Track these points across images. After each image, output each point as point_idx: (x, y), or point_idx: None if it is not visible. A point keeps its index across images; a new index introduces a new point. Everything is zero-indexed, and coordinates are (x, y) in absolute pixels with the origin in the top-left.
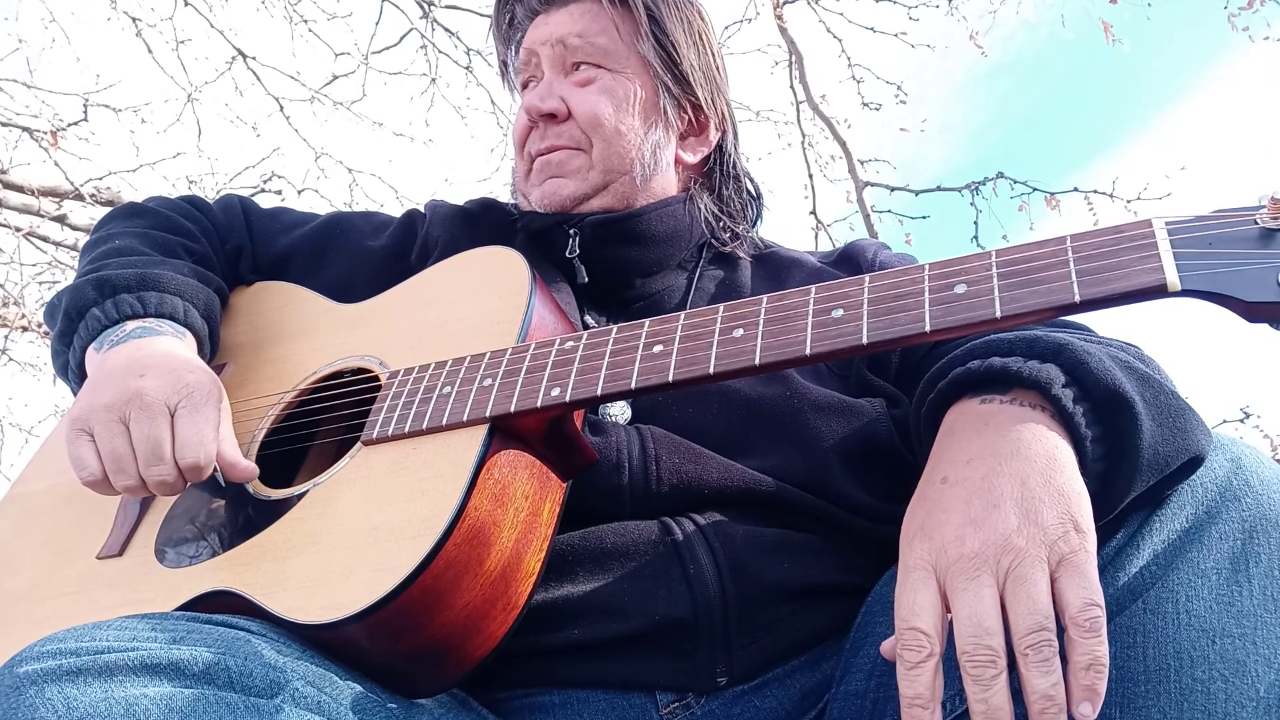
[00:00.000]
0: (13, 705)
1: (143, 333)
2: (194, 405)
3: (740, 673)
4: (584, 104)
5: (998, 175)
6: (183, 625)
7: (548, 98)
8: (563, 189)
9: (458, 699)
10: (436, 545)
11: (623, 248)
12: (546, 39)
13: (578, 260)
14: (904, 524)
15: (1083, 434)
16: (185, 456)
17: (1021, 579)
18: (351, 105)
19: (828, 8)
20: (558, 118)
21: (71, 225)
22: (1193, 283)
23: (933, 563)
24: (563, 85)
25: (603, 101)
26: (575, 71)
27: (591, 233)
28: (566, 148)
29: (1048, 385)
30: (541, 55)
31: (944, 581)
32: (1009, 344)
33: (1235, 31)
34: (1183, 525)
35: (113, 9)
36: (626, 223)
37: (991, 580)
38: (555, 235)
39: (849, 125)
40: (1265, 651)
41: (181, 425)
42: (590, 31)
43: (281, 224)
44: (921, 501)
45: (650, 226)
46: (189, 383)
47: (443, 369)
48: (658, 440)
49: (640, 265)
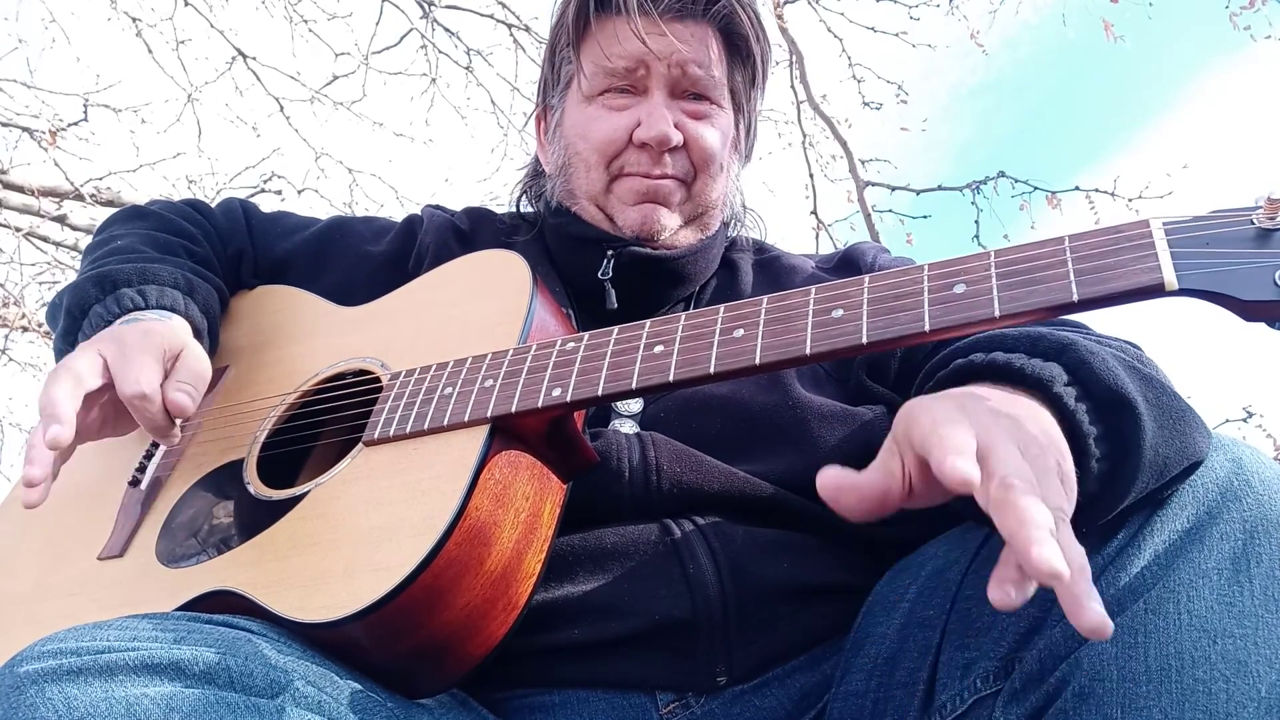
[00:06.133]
0: (13, 705)
1: (124, 322)
2: (125, 345)
3: (740, 672)
4: (700, 139)
5: (999, 174)
6: (184, 625)
7: (672, 128)
8: (667, 220)
9: (458, 699)
10: (437, 545)
11: (656, 286)
12: (665, 56)
13: (609, 284)
14: (902, 416)
15: (1085, 431)
16: (124, 388)
17: (1046, 470)
18: (351, 105)
19: (828, 7)
20: (672, 145)
21: (71, 225)
22: (1190, 282)
23: (968, 419)
24: (674, 112)
25: (716, 139)
26: (687, 100)
27: (630, 264)
28: (675, 179)
29: (1049, 383)
30: (653, 71)
31: (981, 435)
32: (1012, 340)
33: (1237, 30)
34: (1184, 525)
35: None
36: (667, 264)
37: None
38: (593, 251)
39: (850, 125)
40: (1266, 651)
41: (114, 360)
42: (708, 62)
43: (283, 228)
44: (924, 403)
45: (684, 269)
46: (116, 333)
47: (444, 370)
48: (659, 447)
49: (663, 300)
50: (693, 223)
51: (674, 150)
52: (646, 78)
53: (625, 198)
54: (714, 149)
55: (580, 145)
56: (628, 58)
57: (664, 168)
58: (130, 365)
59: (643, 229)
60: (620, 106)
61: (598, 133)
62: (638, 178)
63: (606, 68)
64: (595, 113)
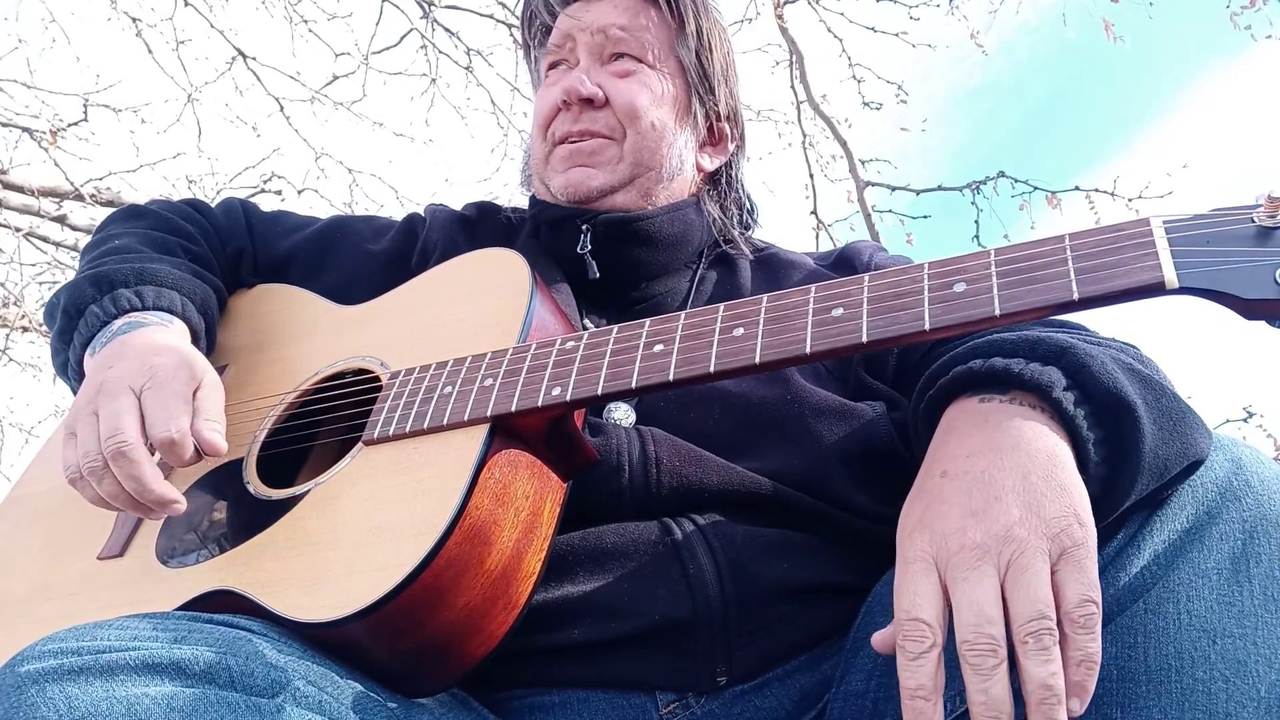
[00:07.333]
0: (14, 704)
1: (127, 328)
2: (158, 383)
3: (740, 672)
4: (623, 94)
5: (999, 174)
6: (184, 625)
7: (587, 82)
8: (590, 179)
9: (458, 699)
10: (437, 544)
11: (633, 248)
12: (587, 25)
13: (589, 256)
14: (901, 518)
15: (1084, 436)
16: (156, 433)
17: (1023, 569)
18: (351, 105)
19: (828, 7)
20: (594, 104)
21: (71, 225)
22: (1190, 280)
23: (934, 554)
24: (600, 73)
25: (642, 94)
26: (613, 62)
27: (604, 230)
28: (600, 135)
29: (1049, 388)
30: (579, 41)
31: (944, 573)
32: (1011, 345)
33: (1237, 30)
34: (1183, 526)
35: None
36: (639, 223)
37: (993, 570)
38: (567, 229)
39: (850, 125)
40: (1266, 651)
41: (148, 403)
42: (634, 26)
43: (282, 227)
44: (920, 495)
45: (661, 229)
46: (153, 364)
47: (444, 369)
48: (658, 443)
49: (648, 267)
50: (633, 184)
51: (598, 107)
52: (574, 49)
53: (556, 165)
54: (637, 103)
55: (532, 128)
56: (559, 34)
57: (584, 124)
58: (161, 409)
59: (570, 191)
60: (554, 81)
61: (538, 108)
62: (565, 144)
63: (548, 52)
64: (540, 93)
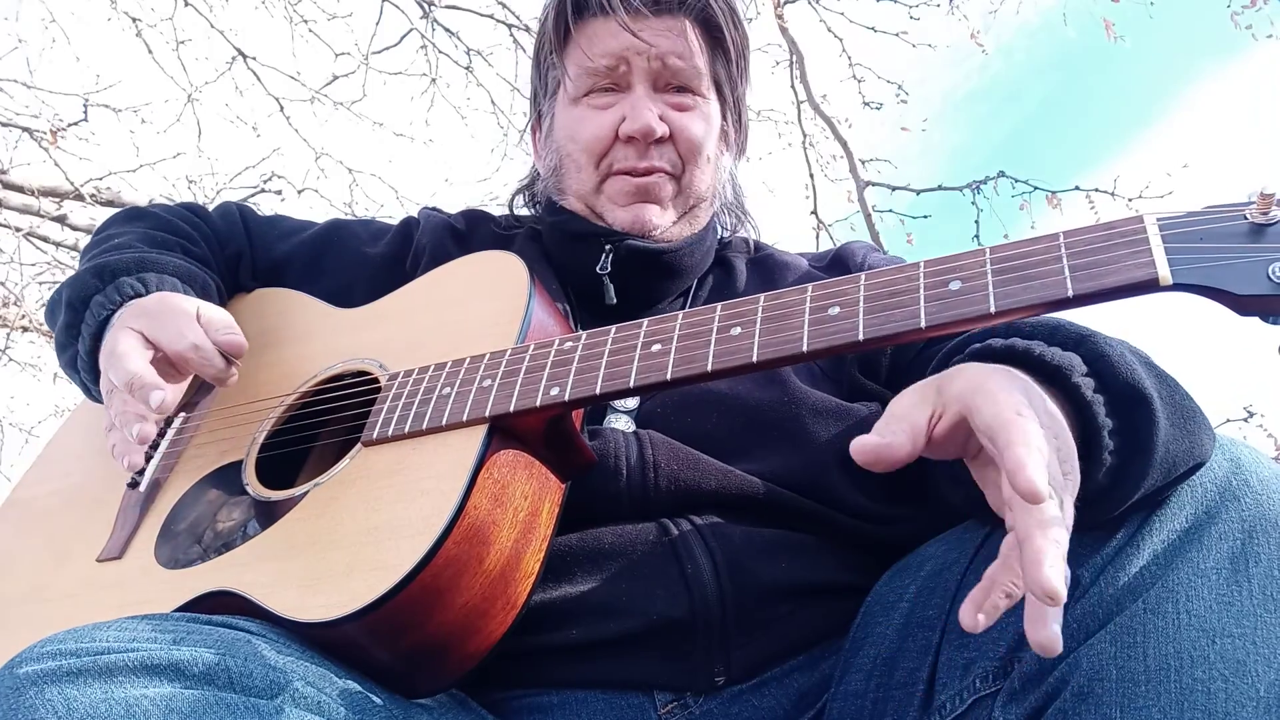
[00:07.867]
0: (13, 706)
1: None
2: (158, 314)
3: (738, 672)
4: (686, 130)
5: (999, 174)
6: (183, 626)
7: (660, 123)
8: (660, 218)
9: (457, 699)
10: (436, 544)
11: (653, 278)
12: (644, 50)
13: (608, 279)
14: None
15: (1100, 424)
16: (174, 348)
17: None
18: (351, 105)
19: (828, 7)
20: (660, 139)
21: (71, 225)
22: (1184, 277)
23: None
24: (659, 105)
25: (701, 129)
26: (670, 93)
27: (628, 257)
28: (664, 172)
29: (1068, 373)
30: (634, 65)
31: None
32: (1030, 329)
33: (1238, 30)
34: (1182, 525)
35: (113, 9)
36: (664, 256)
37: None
38: (591, 245)
39: (850, 125)
40: (1265, 651)
41: (155, 332)
42: (688, 54)
43: (280, 230)
44: (988, 374)
45: (682, 261)
46: (135, 310)
47: (442, 370)
48: (655, 446)
49: (664, 292)
50: (685, 217)
51: (660, 143)
52: (629, 74)
53: (616, 198)
54: (700, 139)
55: (570, 147)
56: (609, 55)
57: (651, 160)
58: (168, 327)
59: (638, 227)
60: (605, 105)
61: (585, 132)
62: (626, 176)
63: (589, 68)
64: (581, 113)
